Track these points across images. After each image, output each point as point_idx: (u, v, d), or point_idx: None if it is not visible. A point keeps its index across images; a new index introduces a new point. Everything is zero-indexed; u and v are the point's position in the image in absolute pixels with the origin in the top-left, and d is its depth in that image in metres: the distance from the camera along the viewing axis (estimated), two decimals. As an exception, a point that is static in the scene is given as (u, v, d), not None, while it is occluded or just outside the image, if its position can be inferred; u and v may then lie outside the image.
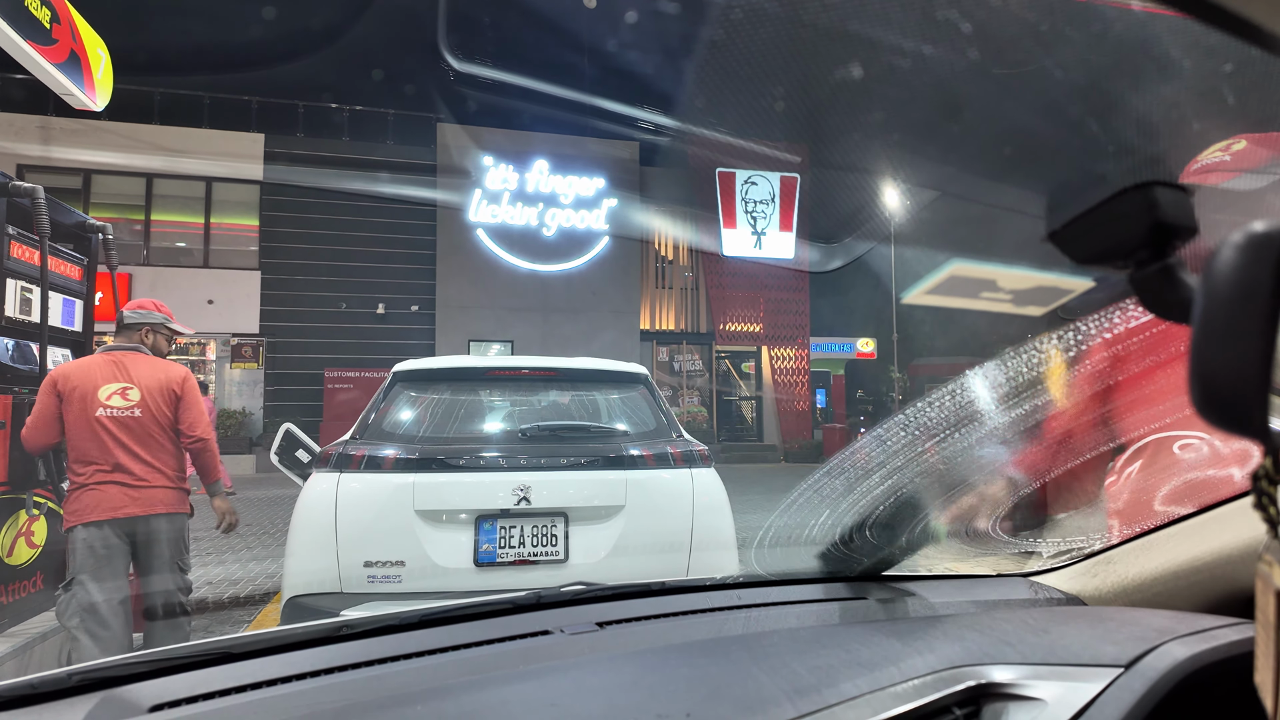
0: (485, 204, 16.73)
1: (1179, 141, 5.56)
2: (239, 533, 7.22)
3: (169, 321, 3.38)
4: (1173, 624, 0.79)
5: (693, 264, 19.03)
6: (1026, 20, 12.74)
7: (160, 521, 3.08)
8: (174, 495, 3.14)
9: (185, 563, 3.19)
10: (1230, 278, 0.41)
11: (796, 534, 1.17)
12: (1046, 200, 0.64)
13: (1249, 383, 0.39)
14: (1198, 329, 0.42)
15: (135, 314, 3.29)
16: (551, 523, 2.75)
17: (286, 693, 0.77)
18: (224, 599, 4.82)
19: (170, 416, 3.15)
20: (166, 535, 3.09)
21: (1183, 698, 0.67)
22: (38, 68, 4.44)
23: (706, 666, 0.80)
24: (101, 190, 15.46)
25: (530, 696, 0.73)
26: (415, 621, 0.98)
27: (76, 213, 3.95)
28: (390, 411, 3.03)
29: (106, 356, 3.15)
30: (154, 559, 3.08)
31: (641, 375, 3.36)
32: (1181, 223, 0.57)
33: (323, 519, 2.65)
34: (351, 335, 16.25)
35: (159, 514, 3.07)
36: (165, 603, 3.09)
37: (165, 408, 3.14)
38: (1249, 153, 1.00)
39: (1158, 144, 7.07)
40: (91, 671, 0.79)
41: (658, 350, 18.54)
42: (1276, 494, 0.42)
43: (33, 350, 3.55)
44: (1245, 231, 0.41)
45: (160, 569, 3.09)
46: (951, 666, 0.75)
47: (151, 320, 3.32)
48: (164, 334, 3.38)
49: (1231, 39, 0.45)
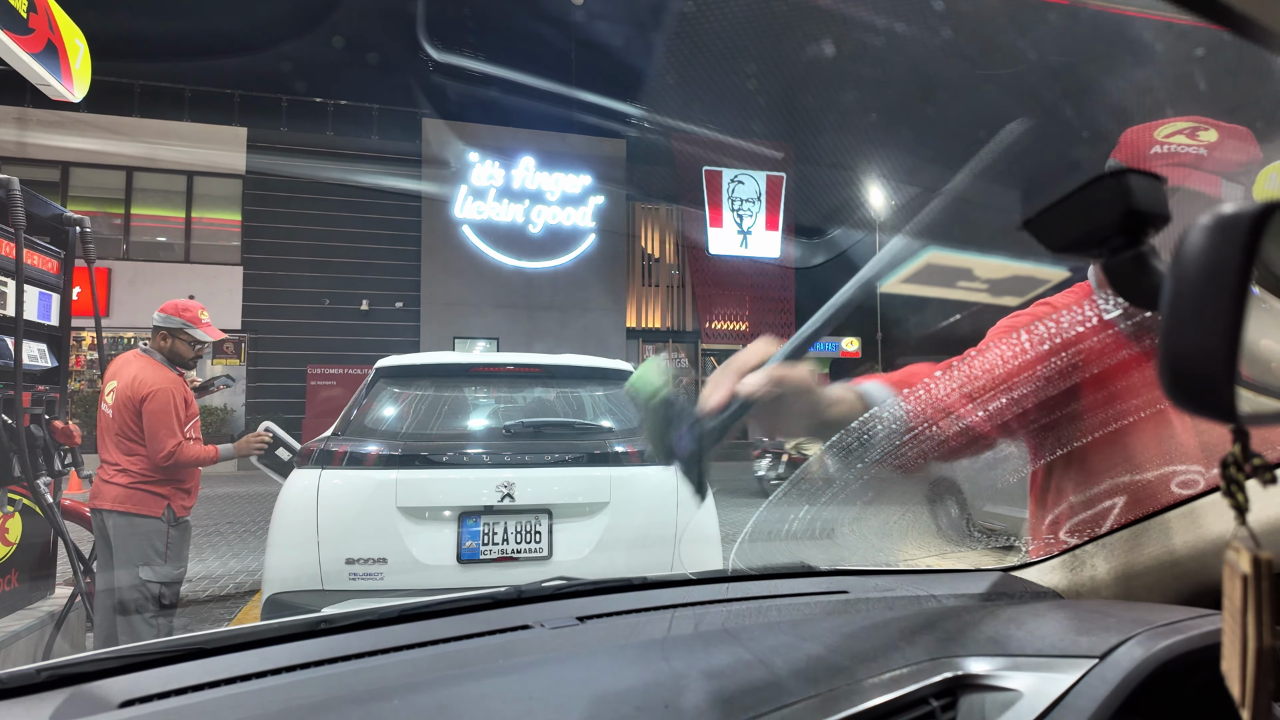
0: (471, 200, 16.67)
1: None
2: (219, 530, 7.14)
3: (187, 327, 3.34)
4: (1147, 616, 0.80)
5: (679, 262, 19.06)
6: (1016, 18, 12.87)
7: (114, 518, 3.08)
8: (129, 495, 3.09)
9: (155, 566, 3.11)
10: (1198, 260, 0.41)
11: (777, 529, 1.18)
12: (1022, 190, 0.65)
13: (1217, 365, 0.40)
14: (1167, 312, 0.42)
15: (157, 317, 3.35)
16: (535, 519, 2.75)
17: (261, 688, 0.76)
18: (203, 596, 4.77)
19: (134, 426, 3.13)
20: (124, 533, 3.07)
21: (1156, 688, 0.68)
22: (14, 57, 4.37)
23: (686, 660, 0.80)
24: (80, 183, 15.24)
25: (508, 690, 0.73)
26: (394, 616, 0.97)
27: (54, 205, 3.89)
28: (373, 408, 3.01)
29: (131, 353, 3.33)
30: (114, 554, 3.09)
31: (626, 372, 3.36)
32: (1154, 210, 0.58)
33: (304, 516, 2.63)
34: (335, 331, 16.13)
35: (112, 510, 3.09)
36: (122, 600, 3.06)
37: (128, 416, 3.13)
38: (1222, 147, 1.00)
39: None
40: (61, 667, 0.77)
41: (644, 348, 18.55)
42: (1244, 481, 0.42)
43: (7, 344, 3.49)
44: (1214, 214, 0.41)
45: (120, 565, 3.08)
46: (929, 659, 0.76)
47: (169, 325, 3.33)
48: (183, 340, 3.35)
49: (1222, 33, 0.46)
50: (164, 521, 3.15)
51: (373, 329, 16.31)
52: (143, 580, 3.06)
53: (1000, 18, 12.97)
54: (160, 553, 3.14)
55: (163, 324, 3.31)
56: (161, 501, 3.15)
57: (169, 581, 3.15)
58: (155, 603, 3.08)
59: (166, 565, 3.13)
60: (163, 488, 3.16)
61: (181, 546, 3.25)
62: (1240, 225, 0.41)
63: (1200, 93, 6.48)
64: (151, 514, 3.12)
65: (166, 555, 3.15)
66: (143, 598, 3.05)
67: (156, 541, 3.13)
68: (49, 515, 3.36)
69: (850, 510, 1.06)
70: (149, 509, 3.12)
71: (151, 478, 3.15)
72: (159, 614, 3.13)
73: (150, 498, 3.13)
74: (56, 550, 3.64)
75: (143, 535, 3.09)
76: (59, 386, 3.71)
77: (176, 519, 3.20)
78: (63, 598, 3.56)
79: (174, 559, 3.18)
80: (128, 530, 3.08)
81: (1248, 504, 0.43)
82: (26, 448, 3.27)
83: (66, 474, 3.61)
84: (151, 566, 3.09)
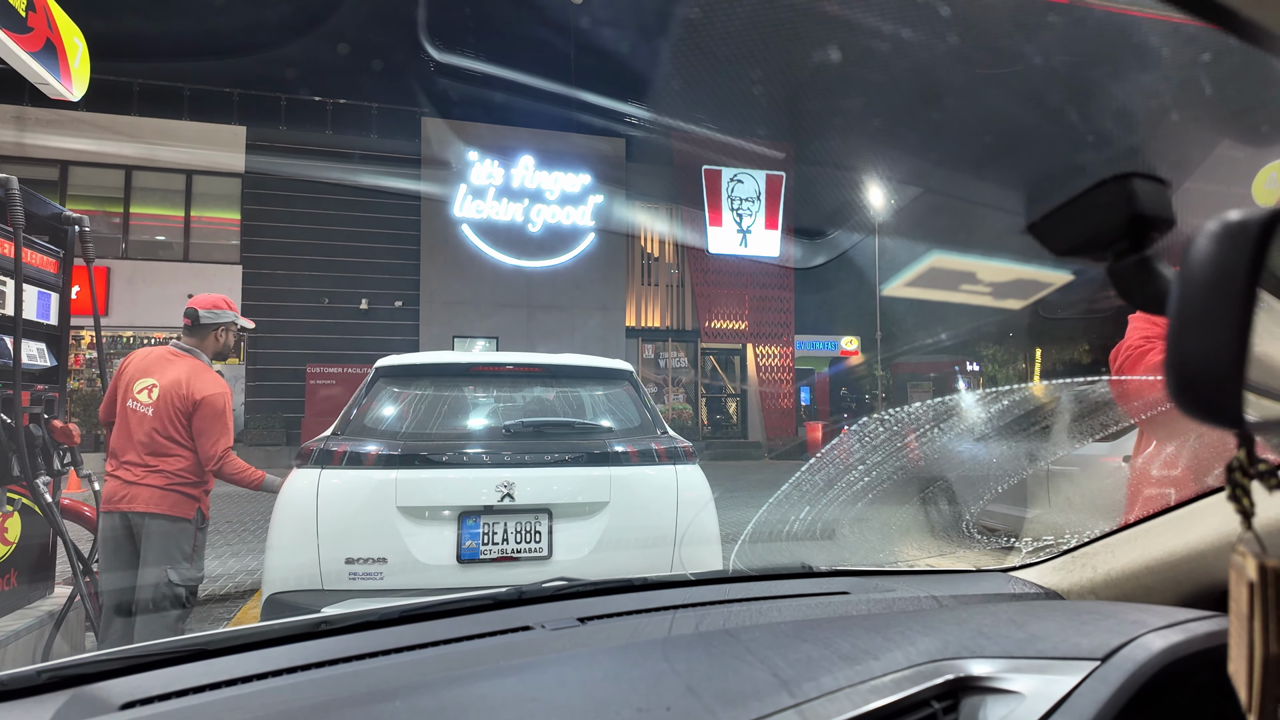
0: (470, 199, 16.65)
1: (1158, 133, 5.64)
2: (217, 529, 7.14)
3: (237, 319, 3.30)
4: (1147, 617, 0.80)
5: (678, 261, 19.05)
6: (1014, 17, 12.86)
7: (150, 521, 3.01)
8: (165, 497, 3.02)
9: (181, 568, 3.04)
10: (1206, 266, 0.41)
11: (778, 530, 1.18)
12: (1026, 193, 0.65)
13: (1224, 372, 0.40)
14: (1174, 318, 0.42)
15: (204, 315, 3.22)
16: (535, 519, 2.74)
17: (262, 689, 0.76)
18: (202, 596, 4.77)
19: (181, 427, 3.06)
20: (156, 534, 3.01)
21: (1158, 689, 0.68)
22: (12, 56, 4.36)
23: (688, 661, 0.80)
24: (78, 182, 15.22)
25: (511, 692, 0.73)
26: (395, 617, 0.97)
27: (52, 204, 3.88)
28: (373, 407, 3.00)
29: (163, 350, 3.20)
30: (143, 555, 3.04)
31: (626, 372, 3.36)
32: (1159, 215, 0.58)
33: (304, 515, 2.63)
34: (334, 330, 16.12)
35: (143, 512, 3.02)
36: (143, 599, 3.02)
37: (175, 417, 3.05)
38: None
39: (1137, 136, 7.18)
40: (61, 669, 0.77)
41: (643, 347, 18.54)
42: (1250, 485, 0.42)
43: (6, 344, 3.48)
44: (1221, 220, 0.41)
45: (146, 565, 3.03)
46: (930, 660, 0.75)
47: (222, 320, 3.25)
48: (234, 332, 3.31)
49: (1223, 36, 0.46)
50: (193, 524, 3.10)
51: (372, 328, 16.30)
52: (170, 581, 3.01)
53: (1001, 19, 12.97)
54: (187, 555, 3.09)
55: (214, 320, 3.23)
56: (194, 504, 3.10)
57: (192, 583, 3.11)
58: (178, 603, 3.03)
59: (191, 567, 3.09)
60: (195, 489, 3.11)
61: (204, 548, 3.21)
62: (1248, 232, 0.40)
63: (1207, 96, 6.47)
64: (185, 516, 3.06)
65: (193, 557, 3.11)
66: (167, 599, 3.00)
67: (184, 543, 3.08)
68: (48, 515, 3.35)
69: (850, 511, 1.06)
70: (183, 511, 3.06)
71: (188, 479, 3.08)
72: (181, 616, 3.10)
73: (185, 500, 3.07)
74: (55, 550, 3.64)
75: (173, 537, 3.04)
76: (58, 386, 3.70)
77: (204, 520, 3.17)
78: (62, 597, 3.55)
79: (198, 560, 3.15)
80: (161, 532, 3.02)
81: (1253, 508, 0.43)
82: (25, 447, 3.26)
83: (66, 473, 3.60)
84: (177, 569, 3.04)
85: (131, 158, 14.87)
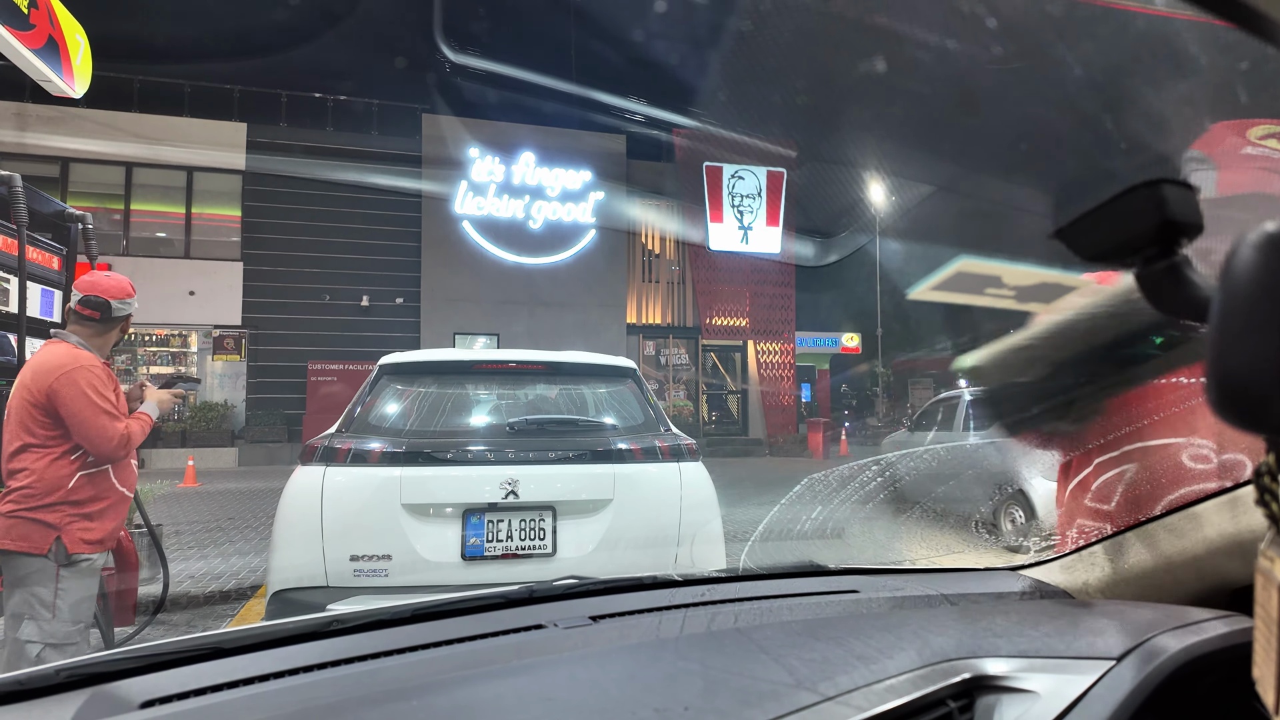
0: (471, 196, 16.64)
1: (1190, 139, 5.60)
2: (220, 526, 7.13)
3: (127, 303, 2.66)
4: (1160, 617, 0.80)
5: (679, 258, 19.04)
6: (1029, 15, 12.81)
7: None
8: (11, 526, 2.36)
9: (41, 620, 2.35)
10: (1248, 277, 0.41)
11: (788, 529, 1.18)
12: (1050, 197, 0.65)
13: (1267, 381, 0.40)
14: (1216, 328, 0.42)
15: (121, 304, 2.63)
16: (539, 516, 2.75)
17: (279, 688, 0.76)
18: (206, 594, 4.78)
19: (36, 425, 2.41)
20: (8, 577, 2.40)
21: (1172, 690, 0.69)
22: (15, 53, 4.36)
23: (702, 660, 0.80)
24: (80, 179, 15.22)
25: (525, 691, 0.73)
26: (406, 616, 0.97)
27: (55, 201, 3.88)
28: (376, 405, 3.01)
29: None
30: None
31: (629, 369, 3.36)
32: (1188, 220, 0.58)
33: (308, 512, 2.63)
34: (335, 328, 16.11)
35: None
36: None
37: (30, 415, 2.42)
38: None
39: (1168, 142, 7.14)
40: (81, 667, 0.78)
41: (644, 344, 18.54)
42: (1278, 490, 0.42)
43: (10, 341, 3.49)
44: (1265, 231, 0.41)
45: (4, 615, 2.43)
46: (945, 659, 0.76)
47: (132, 309, 2.69)
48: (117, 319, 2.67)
49: (1246, 35, 0.45)
50: (51, 559, 2.38)
51: (373, 325, 16.30)
52: (19, 639, 2.34)
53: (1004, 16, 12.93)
54: (47, 603, 2.36)
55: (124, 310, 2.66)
56: (50, 532, 2.38)
57: (58, 640, 2.37)
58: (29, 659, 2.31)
59: (55, 619, 2.36)
60: (51, 512, 2.39)
61: (81, 594, 2.44)
62: None
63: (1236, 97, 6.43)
64: (36, 551, 2.37)
65: (55, 606, 2.37)
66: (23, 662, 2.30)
67: (41, 587, 2.37)
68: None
69: (861, 510, 1.06)
70: (33, 544, 2.37)
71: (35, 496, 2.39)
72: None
73: (35, 527, 2.38)
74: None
75: (25, 581, 2.38)
76: (62, 383, 3.69)
77: (69, 555, 2.40)
78: None
79: (72, 610, 2.40)
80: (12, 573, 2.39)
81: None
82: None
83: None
84: (36, 620, 2.35)
85: (132, 155, 14.86)
